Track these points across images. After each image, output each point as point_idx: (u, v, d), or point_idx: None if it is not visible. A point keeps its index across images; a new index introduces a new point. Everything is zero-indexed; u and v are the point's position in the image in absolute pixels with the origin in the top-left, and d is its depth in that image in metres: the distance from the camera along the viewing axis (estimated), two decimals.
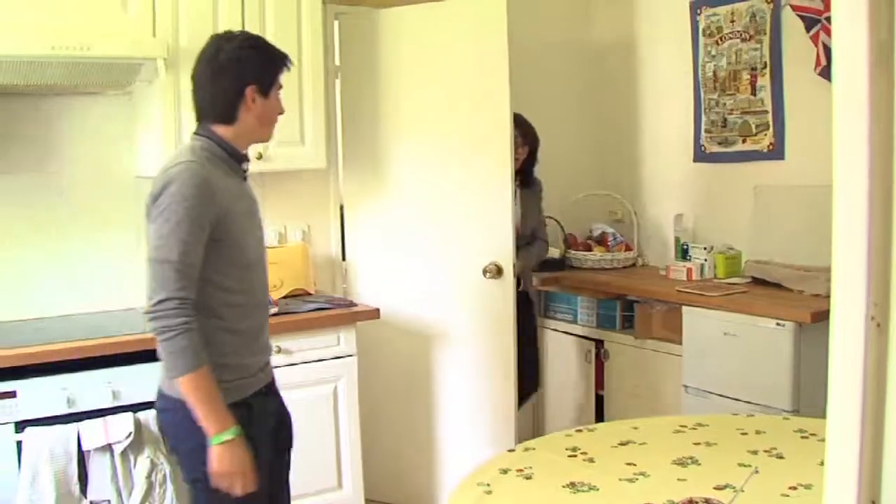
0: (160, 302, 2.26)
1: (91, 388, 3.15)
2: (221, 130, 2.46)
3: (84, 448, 3.04)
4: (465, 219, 4.19)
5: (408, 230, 4.30)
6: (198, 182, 2.30)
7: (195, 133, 2.50)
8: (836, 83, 0.85)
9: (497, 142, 4.02)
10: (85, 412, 3.12)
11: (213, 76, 2.44)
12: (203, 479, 2.36)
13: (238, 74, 2.43)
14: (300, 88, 3.83)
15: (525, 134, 4.26)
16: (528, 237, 4.32)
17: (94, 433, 3.07)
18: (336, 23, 4.31)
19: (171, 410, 2.42)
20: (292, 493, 3.59)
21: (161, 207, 2.29)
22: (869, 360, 0.85)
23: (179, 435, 2.46)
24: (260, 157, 3.71)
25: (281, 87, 2.55)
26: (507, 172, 4.01)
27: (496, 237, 4.06)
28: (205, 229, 2.31)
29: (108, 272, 3.82)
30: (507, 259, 4.08)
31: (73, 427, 3.05)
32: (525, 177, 4.33)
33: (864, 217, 0.82)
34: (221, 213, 2.35)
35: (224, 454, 2.31)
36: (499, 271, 4.08)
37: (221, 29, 3.56)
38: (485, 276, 4.11)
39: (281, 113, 2.58)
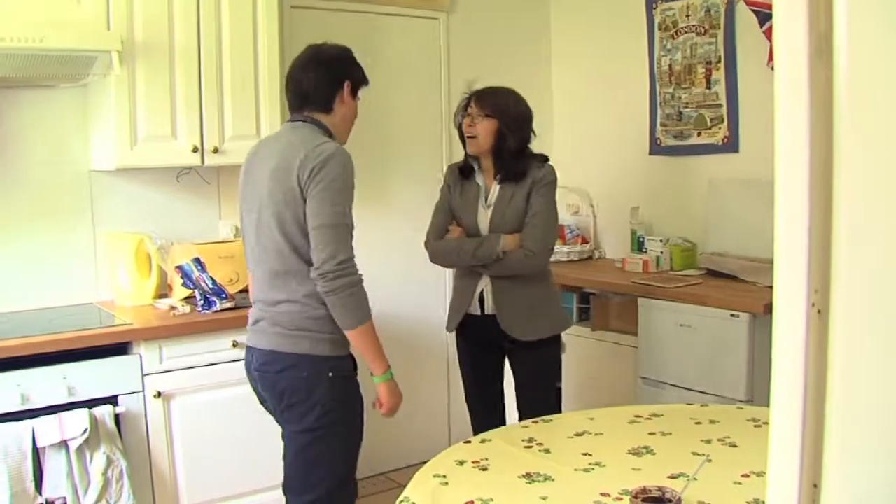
0: (343, 262, 2.60)
1: (45, 384, 3.11)
2: (322, 118, 2.78)
3: (39, 445, 3.01)
4: (408, 209, 4.49)
5: (361, 219, 4.35)
6: (349, 158, 2.66)
7: (298, 121, 2.79)
8: (777, 75, 0.87)
9: (432, 142, 4.20)
10: (40, 409, 3.08)
11: (317, 66, 2.78)
12: (330, 426, 2.69)
13: (338, 68, 2.81)
14: (256, 82, 3.80)
15: (489, 107, 3.31)
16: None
17: (48, 430, 3.04)
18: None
19: (296, 367, 2.70)
20: (243, 490, 3.63)
21: (329, 178, 2.59)
22: (810, 347, 0.86)
23: (308, 388, 2.69)
24: (216, 150, 3.69)
25: (360, 99, 2.89)
26: (438, 168, 4.42)
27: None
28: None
29: (62, 267, 3.77)
30: None
31: (27, 424, 3.01)
32: (506, 165, 3.35)
33: (804, 205, 0.84)
34: None
35: (392, 388, 2.79)
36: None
37: (177, 22, 3.60)
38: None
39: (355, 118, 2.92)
